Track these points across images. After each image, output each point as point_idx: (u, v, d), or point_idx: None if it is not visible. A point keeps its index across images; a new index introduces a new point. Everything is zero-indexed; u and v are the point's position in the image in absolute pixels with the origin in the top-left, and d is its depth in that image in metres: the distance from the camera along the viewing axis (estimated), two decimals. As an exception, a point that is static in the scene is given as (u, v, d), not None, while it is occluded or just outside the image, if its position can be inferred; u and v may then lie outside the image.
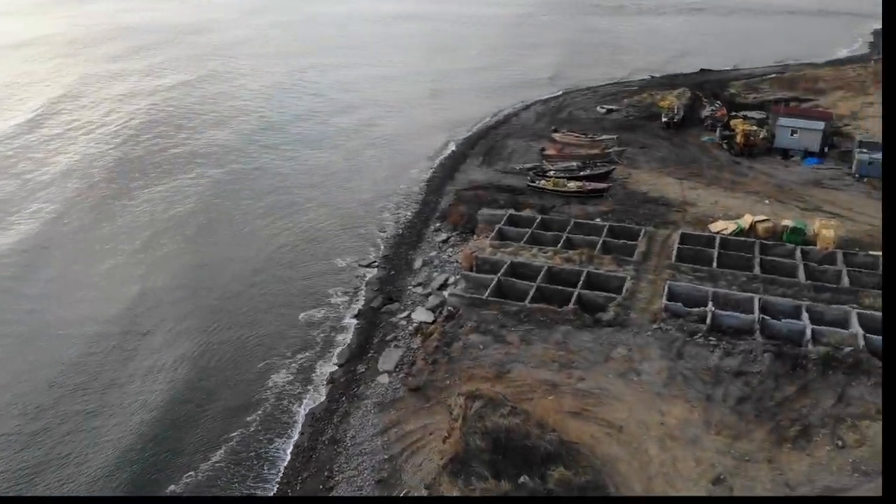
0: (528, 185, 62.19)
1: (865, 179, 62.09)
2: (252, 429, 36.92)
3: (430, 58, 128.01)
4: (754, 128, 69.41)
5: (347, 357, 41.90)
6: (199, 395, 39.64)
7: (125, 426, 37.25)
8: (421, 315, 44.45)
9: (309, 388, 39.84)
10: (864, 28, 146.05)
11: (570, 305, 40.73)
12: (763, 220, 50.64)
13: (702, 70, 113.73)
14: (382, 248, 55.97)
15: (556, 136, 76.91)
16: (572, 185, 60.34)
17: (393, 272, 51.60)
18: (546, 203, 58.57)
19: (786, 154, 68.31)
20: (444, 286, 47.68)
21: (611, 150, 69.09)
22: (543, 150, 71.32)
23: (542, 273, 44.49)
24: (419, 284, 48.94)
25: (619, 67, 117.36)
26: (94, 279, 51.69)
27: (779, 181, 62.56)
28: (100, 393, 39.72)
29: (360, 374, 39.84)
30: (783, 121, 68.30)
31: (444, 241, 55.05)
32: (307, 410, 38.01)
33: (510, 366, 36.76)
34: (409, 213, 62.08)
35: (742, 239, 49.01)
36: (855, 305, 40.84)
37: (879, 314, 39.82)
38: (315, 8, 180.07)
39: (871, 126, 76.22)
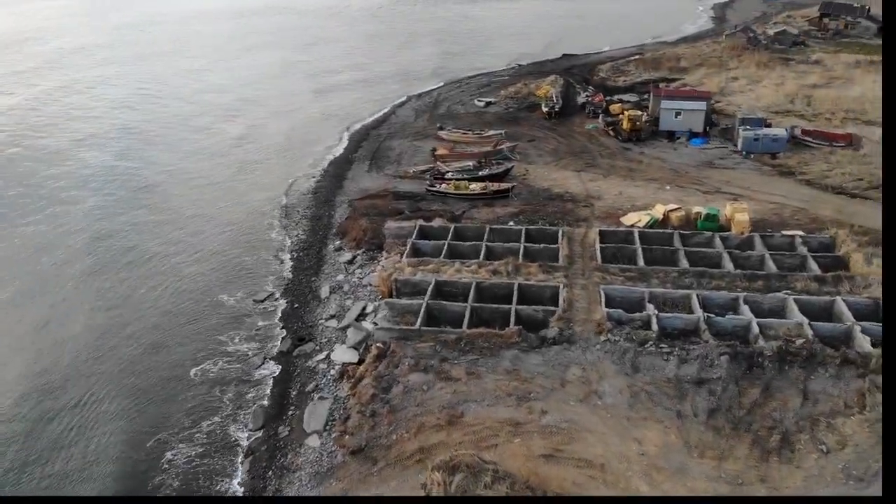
0: (428, 190, 57.95)
1: (752, 156, 63.47)
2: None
3: (294, 55, 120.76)
4: (639, 112, 69.26)
5: (264, 419, 35.67)
6: None
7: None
8: (343, 355, 39.00)
9: (223, 465, 33.32)
10: (706, 2, 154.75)
11: (512, 326, 37.08)
12: (675, 209, 49.67)
13: (565, 55, 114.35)
14: (278, 276, 49.60)
15: (443, 133, 73.22)
16: (475, 186, 56.81)
17: (297, 305, 45.57)
18: (450, 208, 54.67)
19: (671, 136, 68.78)
20: (362, 316, 42.39)
21: (503, 146, 66.32)
22: (434, 150, 67.30)
23: (471, 291, 40.55)
24: (332, 317, 43.29)
25: (486, 57, 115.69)
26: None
27: (672, 165, 62.57)
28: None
29: (284, 438, 33.90)
30: (666, 103, 68.63)
31: (350, 262, 49.56)
32: (228, 494, 31.71)
33: (462, 407, 32.50)
34: (301, 232, 55.81)
35: (660, 231, 47.67)
36: (789, 292, 40.32)
37: (815, 298, 39.72)
38: (157, 8, 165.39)
39: (741, 101, 78.98)
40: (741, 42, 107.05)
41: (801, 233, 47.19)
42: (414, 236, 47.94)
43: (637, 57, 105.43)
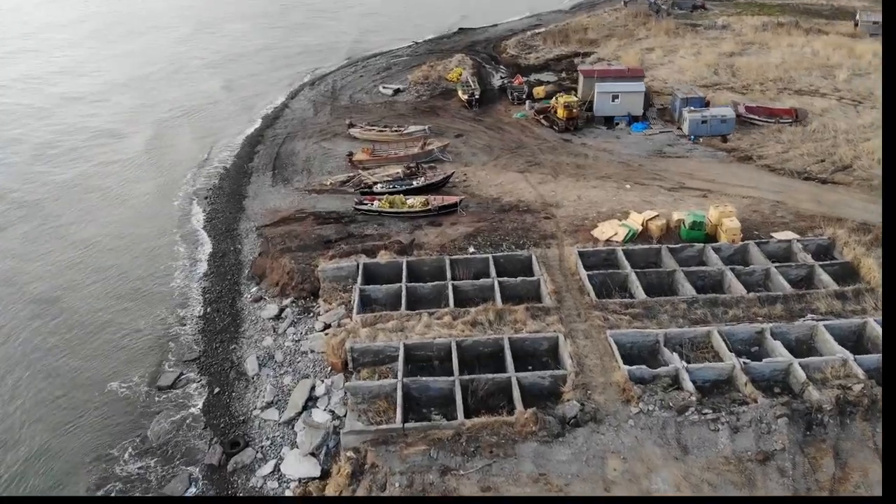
0: (357, 209, 48.22)
1: (701, 140, 58.36)
2: None
3: (147, 43, 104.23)
4: (574, 99, 62.28)
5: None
6: None
7: None
8: (298, 466, 29.37)
9: None
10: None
11: (519, 406, 28.95)
12: (654, 217, 43.13)
13: (461, 30, 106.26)
14: (185, 345, 38.69)
15: (355, 132, 63.12)
16: (414, 201, 47.65)
17: (218, 389, 35.08)
18: (389, 231, 45.38)
19: (609, 122, 62.50)
20: (311, 401, 32.71)
21: (432, 146, 57.35)
22: (351, 155, 57.23)
23: (452, 355, 32.00)
24: (270, 405, 33.24)
25: (374, 34, 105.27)
26: None
27: (622, 157, 56.19)
28: None
29: None
30: (602, 86, 62.07)
31: (277, 317, 39.40)
32: None
33: (489, 545, 24.24)
34: (204, 277, 44.66)
35: (646, 247, 40.93)
36: (814, 316, 34.79)
37: (844, 322, 34.39)
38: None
39: (665, 75, 74.09)
40: (643, 9, 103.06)
41: (795, 236, 42.02)
42: (359, 280, 38.48)
43: (542, 30, 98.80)
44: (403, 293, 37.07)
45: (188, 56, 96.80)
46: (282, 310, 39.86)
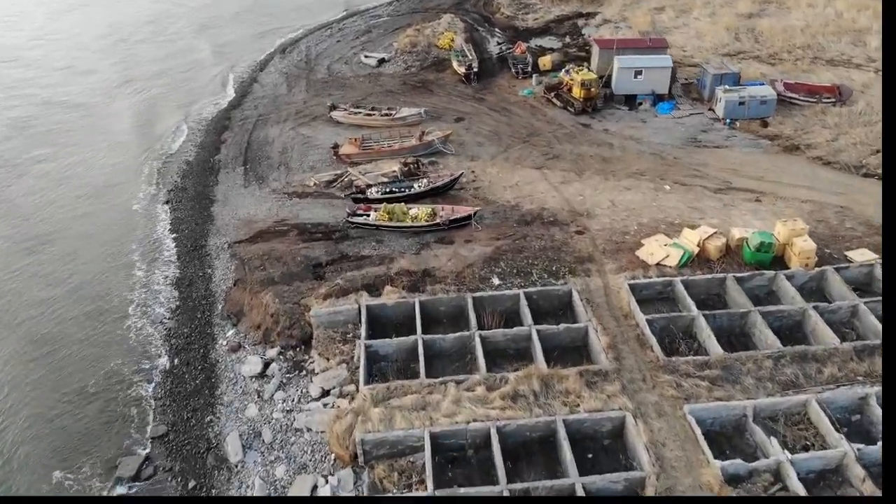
0: (350, 222, 40.31)
1: (737, 124, 51.13)
2: None
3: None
4: (593, 75, 54.16)
5: None
6: None
7: None
8: None
9: None
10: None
11: (592, 531, 22.30)
12: (711, 236, 36.08)
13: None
14: (148, 418, 31.01)
15: (338, 115, 54.51)
16: (419, 212, 39.84)
17: (193, 483, 27.60)
18: (391, 252, 37.72)
19: (630, 102, 54.78)
20: (314, 509, 25.69)
21: (431, 135, 49.13)
22: (336, 147, 48.83)
23: (493, 449, 25.05)
24: (261, 509, 26.21)
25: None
26: None
27: (652, 147, 48.75)
28: None
29: None
30: (623, 60, 54.08)
31: (261, 375, 31.87)
32: None
33: None
34: (168, 317, 36.67)
35: (707, 277, 33.98)
36: (927, 375, 28.45)
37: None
38: None
39: (682, 40, 66.10)
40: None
41: (875, 256, 35.43)
42: (363, 332, 30.99)
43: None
44: (420, 349, 29.76)
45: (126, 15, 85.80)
46: (266, 364, 32.29)
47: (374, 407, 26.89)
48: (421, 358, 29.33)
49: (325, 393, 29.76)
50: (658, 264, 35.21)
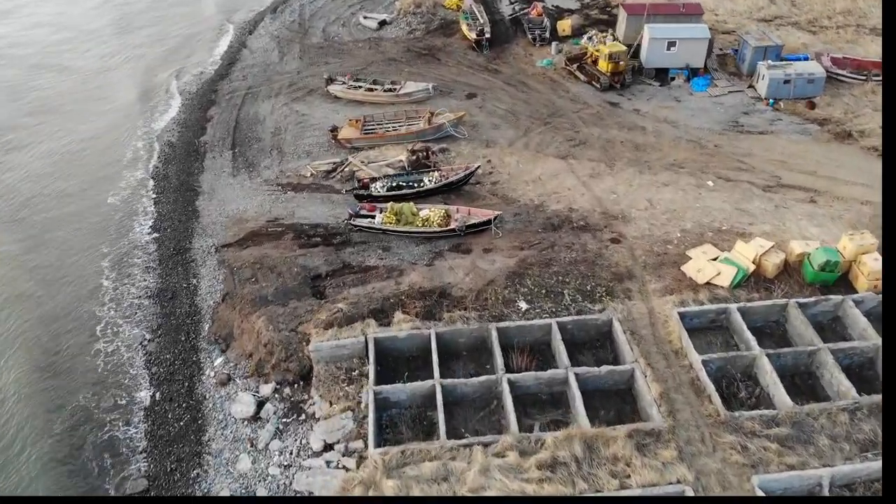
0: (352, 225, 35.53)
1: (782, 104, 45.98)
2: None
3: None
4: (622, 47, 48.52)
5: None
6: None
7: None
8: None
9: None
10: None
11: None
12: (768, 251, 31.47)
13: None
14: (125, 469, 26.81)
15: (336, 89, 49.08)
16: (431, 214, 34.99)
17: (176, 560, 23.84)
18: (400, 262, 33.11)
19: (661, 76, 49.35)
20: None
21: (442, 118, 43.79)
22: (335, 130, 43.61)
23: (532, 540, 21.06)
24: None
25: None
26: None
27: (689, 132, 43.67)
28: None
29: None
30: (655, 29, 48.44)
31: (254, 419, 27.62)
32: None
33: None
34: (149, 339, 32.17)
35: (767, 304, 29.50)
36: None
37: None
38: None
39: (714, 4, 60.00)
40: None
41: (956, 275, 31.03)
42: (370, 373, 26.57)
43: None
44: (439, 397, 25.47)
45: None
46: (260, 404, 28.03)
47: (387, 478, 22.73)
48: (440, 409, 25.04)
49: (328, 447, 25.59)
50: (708, 283, 30.75)
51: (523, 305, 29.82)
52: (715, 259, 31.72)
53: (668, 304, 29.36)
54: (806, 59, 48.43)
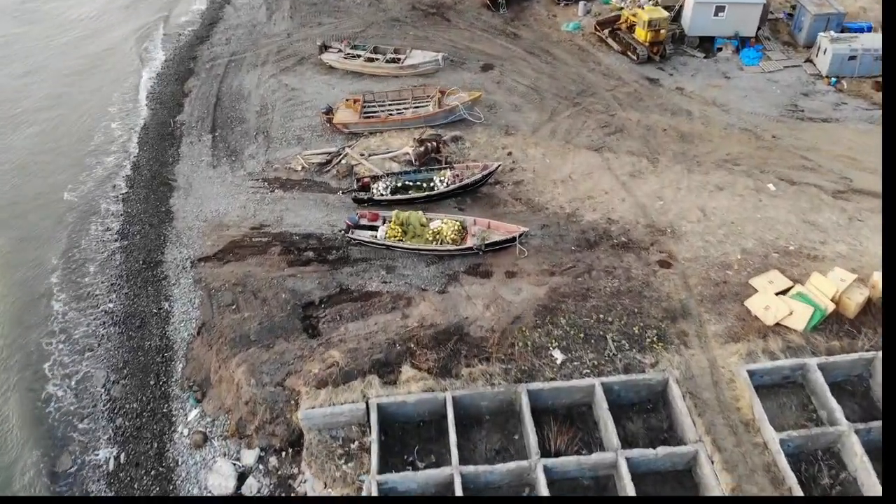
0: (350, 238, 30.07)
1: (844, 84, 39.80)
2: None
3: None
4: (663, 13, 41.87)
5: None
6: None
7: None
8: None
9: None
10: None
11: None
12: (850, 286, 26.14)
13: None
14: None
15: (331, 58, 42.74)
16: (443, 227, 29.45)
17: None
18: (408, 288, 27.84)
19: (706, 45, 42.91)
20: None
21: (455, 99, 37.57)
22: (330, 112, 37.51)
23: None
24: None
25: None
26: None
27: (742, 119, 37.53)
28: None
29: None
30: (701, -8, 41.78)
31: (235, 497, 22.92)
32: None
33: None
34: (112, 380, 27.13)
35: (852, 358, 24.27)
36: None
37: None
38: None
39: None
40: None
41: None
42: (374, 455, 21.60)
43: None
44: (458, 487, 20.65)
45: None
46: (242, 477, 23.30)
47: None
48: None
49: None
50: (778, 324, 25.61)
51: (559, 357, 24.68)
52: (784, 292, 26.51)
53: (734, 357, 24.27)
54: (870, 28, 41.96)
